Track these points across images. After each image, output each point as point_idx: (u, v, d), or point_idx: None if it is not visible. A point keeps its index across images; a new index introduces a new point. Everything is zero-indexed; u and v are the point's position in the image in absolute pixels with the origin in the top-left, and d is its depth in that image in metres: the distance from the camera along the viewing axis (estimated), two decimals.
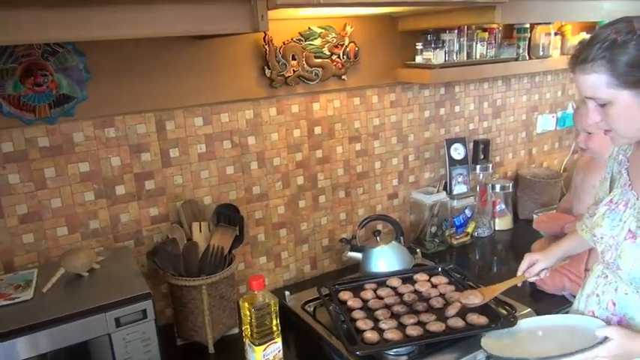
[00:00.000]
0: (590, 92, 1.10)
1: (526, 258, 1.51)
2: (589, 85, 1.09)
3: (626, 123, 1.11)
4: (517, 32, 2.17)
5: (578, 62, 1.09)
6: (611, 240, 1.23)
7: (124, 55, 1.50)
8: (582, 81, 1.10)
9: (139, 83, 1.54)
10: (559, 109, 2.62)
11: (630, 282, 1.20)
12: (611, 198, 1.26)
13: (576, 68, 1.10)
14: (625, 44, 1.03)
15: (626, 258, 1.19)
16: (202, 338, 1.52)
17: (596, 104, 1.11)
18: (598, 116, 1.13)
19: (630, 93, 1.06)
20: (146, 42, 1.51)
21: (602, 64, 1.05)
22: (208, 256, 1.49)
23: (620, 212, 1.22)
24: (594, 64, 1.05)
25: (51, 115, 1.43)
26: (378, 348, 1.38)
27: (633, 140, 1.21)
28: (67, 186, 1.49)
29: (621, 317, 1.22)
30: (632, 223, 1.18)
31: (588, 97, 1.12)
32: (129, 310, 1.21)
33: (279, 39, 1.72)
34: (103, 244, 1.56)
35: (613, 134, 1.15)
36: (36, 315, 1.15)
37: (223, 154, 1.72)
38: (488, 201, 2.29)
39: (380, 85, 2.00)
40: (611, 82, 1.05)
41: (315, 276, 1.99)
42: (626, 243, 1.18)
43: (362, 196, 2.06)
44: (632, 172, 1.24)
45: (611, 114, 1.10)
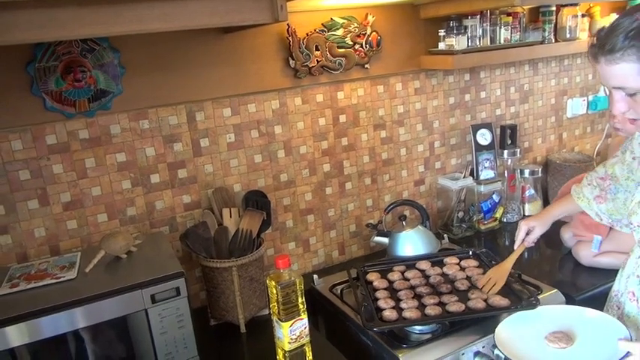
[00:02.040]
0: (620, 82, 1.07)
1: (522, 226, 1.54)
2: (618, 74, 1.06)
3: None
4: (542, 15, 2.16)
5: (605, 52, 1.05)
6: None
7: (155, 51, 1.59)
8: (610, 71, 1.06)
9: (170, 77, 1.63)
10: (590, 93, 2.57)
11: None
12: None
13: (602, 58, 1.06)
14: None
15: None
16: (234, 318, 1.59)
17: (625, 94, 1.08)
18: (625, 106, 1.10)
19: None
20: (175, 37, 1.59)
21: (633, 52, 1.01)
22: (238, 239, 1.56)
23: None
24: (624, 52, 1.02)
25: (90, 109, 1.53)
26: (394, 325, 1.42)
27: None
28: (106, 175, 1.59)
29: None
30: None
31: (616, 87, 1.09)
32: (163, 288, 1.29)
33: (302, 30, 1.78)
34: (140, 229, 1.66)
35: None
36: (79, 292, 1.24)
37: (251, 143, 1.79)
38: (517, 186, 2.29)
39: (403, 73, 2.03)
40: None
41: (343, 261, 2.04)
42: None
43: (388, 183, 2.09)
44: None
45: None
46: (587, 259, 1.78)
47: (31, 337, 1.18)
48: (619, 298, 1.33)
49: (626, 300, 1.28)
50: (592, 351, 1.17)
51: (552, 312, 1.37)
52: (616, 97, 1.10)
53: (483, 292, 1.51)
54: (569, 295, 1.62)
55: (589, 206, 1.45)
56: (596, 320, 1.27)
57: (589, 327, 1.26)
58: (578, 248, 1.82)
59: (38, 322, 1.18)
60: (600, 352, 1.14)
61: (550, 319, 1.33)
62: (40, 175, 1.50)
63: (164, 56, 1.60)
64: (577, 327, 1.27)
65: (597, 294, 1.60)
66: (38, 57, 1.44)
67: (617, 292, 1.35)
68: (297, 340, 1.33)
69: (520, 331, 1.30)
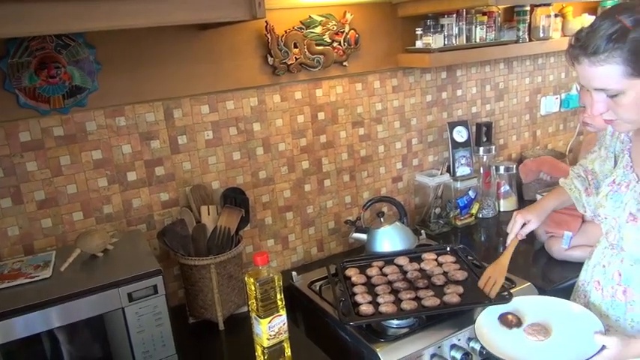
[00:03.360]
0: (602, 84, 1.08)
1: (518, 219, 1.48)
2: (601, 76, 1.06)
3: (636, 111, 1.10)
4: (516, 15, 2.20)
5: (588, 54, 1.05)
6: (613, 221, 1.24)
7: (132, 47, 1.57)
8: (592, 73, 1.07)
9: (147, 74, 1.61)
10: (563, 91, 2.63)
11: (635, 261, 1.22)
12: (614, 179, 1.27)
13: (585, 59, 1.07)
14: (638, 33, 1.01)
15: (629, 240, 1.21)
16: (212, 316, 1.59)
17: (606, 95, 1.09)
18: (604, 107, 1.11)
19: None
20: (152, 33, 1.58)
21: (618, 55, 1.02)
22: (216, 237, 1.56)
23: (622, 194, 1.23)
24: (609, 54, 1.03)
25: (64, 106, 1.51)
26: (370, 320, 1.44)
27: (637, 126, 1.20)
28: (82, 173, 1.57)
29: (626, 287, 1.24)
30: (632, 205, 1.19)
31: (599, 88, 1.09)
32: (140, 286, 1.28)
33: (281, 28, 1.78)
34: (117, 228, 1.64)
35: (618, 122, 1.14)
36: (54, 291, 1.23)
37: (230, 140, 1.78)
38: (492, 182, 2.33)
39: (381, 71, 2.04)
40: (625, 71, 1.04)
41: (322, 258, 2.05)
42: (628, 226, 1.20)
43: (366, 180, 2.11)
44: (634, 154, 1.25)
45: (623, 103, 1.08)
46: (559, 253, 1.83)
47: (5, 337, 1.16)
48: (585, 287, 1.38)
49: (592, 289, 1.33)
50: (569, 344, 1.20)
51: (530, 303, 1.40)
52: (596, 99, 1.12)
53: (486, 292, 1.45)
54: (541, 289, 1.66)
55: (579, 198, 1.46)
56: (574, 314, 1.30)
57: (566, 320, 1.29)
58: (551, 243, 1.86)
59: (12, 322, 1.16)
60: (577, 346, 1.17)
61: (528, 311, 1.35)
62: (14, 172, 1.48)
63: (141, 53, 1.59)
64: (554, 320, 1.29)
65: (568, 286, 1.64)
66: (11, 52, 1.41)
67: (583, 282, 1.40)
68: (276, 336, 1.34)
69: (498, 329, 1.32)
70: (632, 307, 1.23)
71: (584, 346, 1.15)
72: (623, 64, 1.03)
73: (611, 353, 1.11)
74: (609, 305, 1.28)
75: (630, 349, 1.11)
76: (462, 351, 1.45)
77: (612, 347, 1.11)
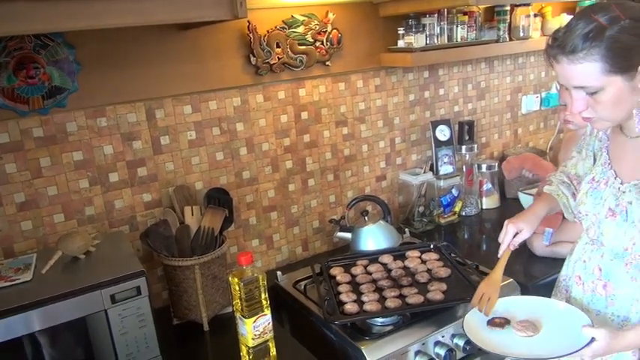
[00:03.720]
0: (581, 81, 1.09)
1: (510, 228, 1.40)
2: (580, 74, 1.08)
3: (615, 108, 1.12)
4: (497, 15, 2.22)
5: (567, 52, 1.07)
6: (593, 217, 1.26)
7: (112, 47, 1.56)
8: (571, 71, 1.08)
9: (128, 74, 1.60)
10: (543, 90, 2.67)
11: (614, 256, 1.24)
12: (593, 176, 1.29)
13: (564, 58, 1.08)
14: (614, 30, 1.03)
15: (608, 236, 1.22)
16: (197, 316, 1.58)
17: (585, 93, 1.11)
18: (583, 105, 1.13)
19: (622, 78, 1.07)
20: (133, 33, 1.56)
21: (596, 52, 1.04)
22: (200, 237, 1.55)
23: (601, 191, 1.25)
24: (587, 52, 1.05)
25: (44, 107, 1.49)
26: (354, 318, 1.45)
27: (615, 124, 1.22)
28: (62, 174, 1.55)
29: (606, 282, 1.25)
30: (611, 201, 1.21)
31: (578, 86, 1.10)
32: (123, 287, 1.27)
33: (263, 27, 1.78)
34: (99, 229, 1.63)
35: (596, 120, 1.16)
36: (35, 294, 1.21)
37: (213, 140, 1.78)
38: (475, 181, 2.35)
39: (364, 70, 2.05)
40: (604, 68, 1.05)
41: (307, 257, 2.06)
42: (607, 221, 1.22)
43: (350, 179, 2.12)
44: (612, 151, 1.28)
45: (602, 100, 1.10)
46: (540, 249, 1.85)
47: None
48: (566, 282, 1.40)
49: (573, 284, 1.35)
50: (558, 338, 1.21)
51: (519, 302, 1.40)
52: (575, 97, 1.13)
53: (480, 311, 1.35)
54: (523, 284, 1.69)
55: (567, 203, 1.45)
56: (560, 310, 1.31)
57: (553, 316, 1.30)
58: (532, 239, 1.88)
59: None
60: (566, 339, 1.18)
61: (517, 309, 1.35)
62: None
63: (122, 52, 1.57)
64: (543, 317, 1.30)
65: (550, 282, 1.66)
66: None
67: (564, 277, 1.42)
68: (261, 335, 1.34)
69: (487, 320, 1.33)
70: (613, 301, 1.25)
71: (573, 340, 1.16)
72: (601, 61, 1.05)
73: (601, 345, 1.12)
74: (590, 300, 1.30)
75: (619, 341, 1.13)
76: (445, 347, 1.46)
77: (601, 339, 1.12)
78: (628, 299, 1.22)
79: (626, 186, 1.20)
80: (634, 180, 1.19)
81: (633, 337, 1.14)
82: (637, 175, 1.19)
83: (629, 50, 1.05)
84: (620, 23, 1.04)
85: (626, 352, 1.22)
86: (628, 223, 1.18)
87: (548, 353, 1.18)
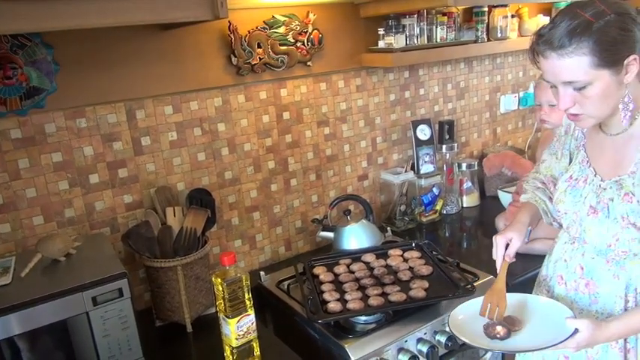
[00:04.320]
0: (569, 76, 1.10)
1: (500, 240, 1.35)
2: (568, 68, 1.09)
3: (602, 103, 1.13)
4: (475, 15, 2.26)
5: (555, 47, 1.08)
6: (574, 216, 1.27)
7: (92, 47, 1.54)
8: (560, 65, 1.09)
9: (108, 74, 1.58)
10: (521, 89, 2.72)
11: (597, 253, 1.25)
12: (571, 174, 1.31)
13: (553, 53, 1.09)
14: (601, 24, 1.05)
15: (591, 233, 1.24)
16: (180, 318, 1.58)
17: (573, 89, 1.11)
18: (571, 102, 1.14)
19: (610, 72, 1.08)
20: (112, 33, 1.55)
21: (585, 46, 1.05)
22: (182, 238, 1.55)
23: (581, 188, 1.26)
24: (576, 46, 1.06)
25: (22, 108, 1.47)
26: (338, 317, 1.46)
27: (600, 121, 1.22)
28: (41, 176, 1.53)
29: (588, 280, 1.27)
30: (592, 198, 1.23)
31: (566, 81, 1.11)
32: (105, 289, 1.26)
33: (244, 28, 1.78)
34: (79, 231, 1.61)
35: (583, 117, 1.16)
36: (14, 297, 1.19)
37: (194, 141, 1.77)
38: (455, 179, 2.38)
39: (345, 71, 2.07)
40: (593, 62, 1.06)
41: (290, 257, 2.06)
42: (589, 219, 1.23)
43: (332, 179, 2.13)
44: (589, 149, 1.29)
45: (590, 95, 1.11)
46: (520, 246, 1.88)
47: None
48: (548, 282, 1.41)
49: (555, 283, 1.37)
50: (541, 332, 1.22)
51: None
52: (562, 93, 1.14)
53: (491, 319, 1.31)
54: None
55: (546, 209, 1.45)
56: (544, 305, 1.32)
57: (536, 311, 1.31)
58: None
59: None
60: (549, 332, 1.19)
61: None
62: None
63: (101, 53, 1.56)
64: (527, 312, 1.31)
65: (530, 278, 1.69)
66: None
67: (545, 277, 1.43)
68: (245, 335, 1.34)
69: (473, 317, 1.32)
70: (596, 299, 1.26)
71: (557, 332, 1.17)
72: (589, 55, 1.07)
73: (584, 336, 1.13)
74: (573, 298, 1.31)
75: (602, 332, 1.14)
76: (428, 344, 1.48)
77: (584, 330, 1.13)
78: (611, 296, 1.23)
79: (607, 183, 1.21)
80: (614, 177, 1.20)
81: (617, 328, 1.15)
82: (617, 172, 1.20)
83: (616, 44, 1.07)
84: (605, 18, 1.06)
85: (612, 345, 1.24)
86: (610, 219, 1.19)
87: (533, 345, 1.20)
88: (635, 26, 1.09)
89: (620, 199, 1.18)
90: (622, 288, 1.22)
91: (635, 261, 1.20)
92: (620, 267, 1.22)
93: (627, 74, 1.10)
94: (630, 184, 1.17)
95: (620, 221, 1.18)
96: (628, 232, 1.17)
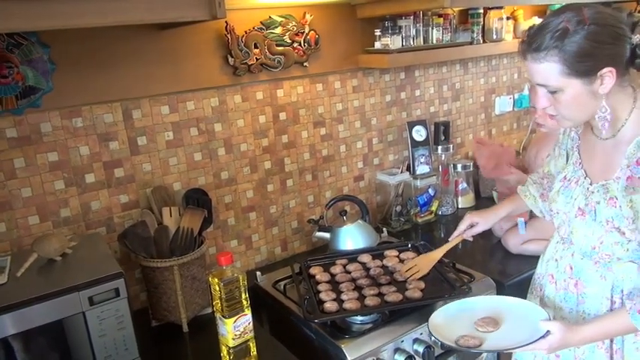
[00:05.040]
0: (542, 80, 1.13)
1: (466, 219, 1.57)
2: (541, 72, 1.12)
3: (574, 110, 1.16)
4: (471, 17, 2.27)
5: (531, 50, 1.11)
6: (564, 216, 1.29)
7: (88, 47, 1.54)
8: (534, 68, 1.13)
9: (104, 74, 1.58)
10: (516, 91, 2.73)
11: (583, 255, 1.27)
12: (565, 175, 1.33)
13: (528, 55, 1.12)
14: (576, 34, 1.06)
15: (578, 234, 1.25)
16: (176, 318, 1.57)
17: (547, 91, 1.15)
18: (547, 102, 1.17)
19: (581, 82, 1.10)
20: (109, 33, 1.55)
21: (555, 54, 1.07)
22: (179, 238, 1.55)
23: (572, 190, 1.28)
24: (547, 53, 1.08)
25: (18, 107, 1.47)
26: (334, 316, 1.46)
27: (578, 124, 1.26)
28: (37, 175, 1.52)
29: (577, 280, 1.28)
30: (581, 200, 1.24)
31: (540, 84, 1.15)
32: (102, 289, 1.26)
33: (241, 28, 1.78)
34: (75, 231, 1.60)
35: (559, 118, 1.20)
36: (11, 297, 1.19)
37: (191, 141, 1.77)
38: (451, 180, 2.39)
39: (341, 71, 2.07)
40: (563, 70, 1.09)
41: (286, 257, 2.06)
42: (577, 220, 1.25)
43: (328, 179, 2.13)
44: (583, 151, 1.31)
45: (562, 101, 1.13)
46: (515, 247, 1.90)
47: None
48: (540, 281, 1.43)
49: (546, 282, 1.39)
50: (516, 332, 1.24)
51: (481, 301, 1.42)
52: (539, 94, 1.17)
53: (402, 277, 1.57)
54: (499, 282, 1.73)
55: (535, 204, 1.51)
56: (520, 307, 1.34)
57: (514, 313, 1.33)
58: (507, 237, 1.93)
59: None
60: (524, 333, 1.21)
61: (480, 307, 1.38)
62: None
63: (98, 52, 1.56)
64: (504, 313, 1.33)
65: (524, 279, 1.71)
66: None
67: (539, 275, 1.45)
68: (242, 335, 1.34)
69: (452, 319, 1.35)
70: (583, 299, 1.27)
71: (530, 333, 1.20)
72: (559, 63, 1.09)
73: (555, 338, 1.15)
74: (562, 298, 1.33)
75: (574, 335, 1.16)
76: (424, 344, 1.49)
77: (556, 332, 1.15)
78: (598, 297, 1.25)
79: (595, 186, 1.23)
80: (602, 180, 1.22)
81: (589, 332, 1.17)
82: (605, 176, 1.22)
83: (588, 56, 1.08)
84: (584, 28, 1.06)
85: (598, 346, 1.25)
86: (596, 222, 1.21)
87: (505, 345, 1.22)
88: (615, 39, 1.09)
89: (605, 203, 1.19)
90: (608, 289, 1.24)
91: (621, 263, 1.22)
92: (607, 268, 1.23)
93: (602, 85, 1.11)
94: (615, 189, 1.18)
95: (604, 225, 1.19)
96: (612, 236, 1.19)
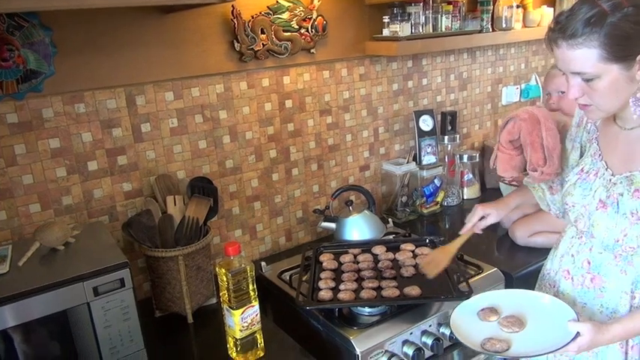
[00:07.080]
0: (578, 67, 1.09)
1: (478, 210, 1.49)
2: (577, 59, 1.07)
3: (610, 97, 1.11)
4: (480, 5, 2.23)
5: (567, 37, 1.06)
6: (582, 209, 1.25)
7: (91, 30, 1.49)
8: (570, 56, 1.08)
9: (108, 58, 1.54)
10: (523, 81, 2.70)
11: (604, 248, 1.23)
12: (582, 167, 1.29)
13: (563, 42, 1.08)
14: (614, 17, 1.02)
15: (599, 227, 1.21)
16: (181, 308, 1.55)
17: (581, 80, 1.10)
18: (579, 92, 1.12)
19: (620, 67, 1.06)
20: (113, 16, 1.50)
21: (595, 39, 1.04)
22: (184, 228, 1.52)
23: (591, 182, 1.24)
24: (587, 38, 1.04)
25: (19, 91, 1.42)
26: (325, 305, 1.46)
27: (610, 114, 1.21)
28: (38, 162, 1.49)
29: (594, 275, 1.25)
30: (602, 192, 1.21)
31: (575, 72, 1.10)
32: (106, 280, 1.23)
33: (248, 13, 1.73)
34: (77, 219, 1.57)
35: (592, 109, 1.15)
36: (13, 287, 1.16)
37: (195, 128, 1.73)
38: (457, 171, 2.36)
39: (349, 59, 2.03)
40: (601, 55, 1.05)
41: (290, 248, 2.03)
42: (598, 213, 1.21)
43: (334, 169, 2.10)
44: (602, 142, 1.27)
45: (598, 88, 1.09)
46: (522, 239, 1.88)
47: None
48: (553, 276, 1.40)
49: (561, 278, 1.35)
50: (543, 334, 1.21)
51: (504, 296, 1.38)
52: (571, 83, 1.13)
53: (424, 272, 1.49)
54: (507, 273, 1.70)
55: (543, 196, 1.48)
56: (546, 304, 1.30)
57: (539, 311, 1.29)
58: (515, 229, 1.91)
59: None
60: (551, 335, 1.18)
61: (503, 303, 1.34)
62: None
63: (101, 36, 1.51)
64: (529, 311, 1.29)
65: (532, 271, 1.69)
66: None
67: (549, 271, 1.42)
68: (249, 327, 1.32)
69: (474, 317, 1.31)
70: (602, 293, 1.25)
71: (558, 335, 1.16)
72: (599, 48, 1.05)
73: (585, 340, 1.12)
74: (579, 293, 1.30)
75: (604, 334, 1.13)
76: (432, 337, 1.47)
77: (586, 334, 1.12)
78: (617, 292, 1.22)
79: (618, 178, 1.20)
80: (625, 172, 1.19)
81: (618, 331, 1.14)
82: (629, 167, 1.19)
83: (629, 39, 1.04)
84: (622, 10, 1.03)
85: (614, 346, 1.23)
86: (619, 214, 1.18)
87: (534, 350, 1.18)
88: None
89: (629, 195, 1.16)
90: (629, 283, 1.21)
91: None
92: (628, 262, 1.21)
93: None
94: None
95: (629, 217, 1.16)
96: (636, 228, 1.16)
